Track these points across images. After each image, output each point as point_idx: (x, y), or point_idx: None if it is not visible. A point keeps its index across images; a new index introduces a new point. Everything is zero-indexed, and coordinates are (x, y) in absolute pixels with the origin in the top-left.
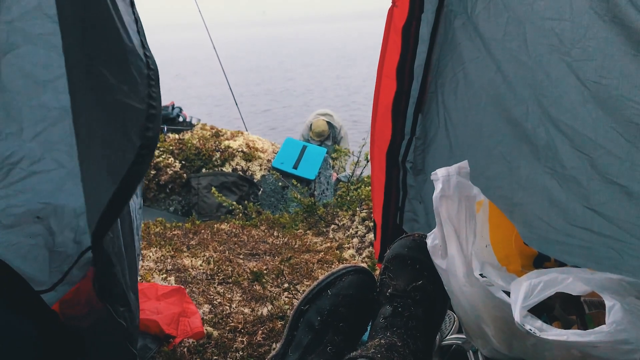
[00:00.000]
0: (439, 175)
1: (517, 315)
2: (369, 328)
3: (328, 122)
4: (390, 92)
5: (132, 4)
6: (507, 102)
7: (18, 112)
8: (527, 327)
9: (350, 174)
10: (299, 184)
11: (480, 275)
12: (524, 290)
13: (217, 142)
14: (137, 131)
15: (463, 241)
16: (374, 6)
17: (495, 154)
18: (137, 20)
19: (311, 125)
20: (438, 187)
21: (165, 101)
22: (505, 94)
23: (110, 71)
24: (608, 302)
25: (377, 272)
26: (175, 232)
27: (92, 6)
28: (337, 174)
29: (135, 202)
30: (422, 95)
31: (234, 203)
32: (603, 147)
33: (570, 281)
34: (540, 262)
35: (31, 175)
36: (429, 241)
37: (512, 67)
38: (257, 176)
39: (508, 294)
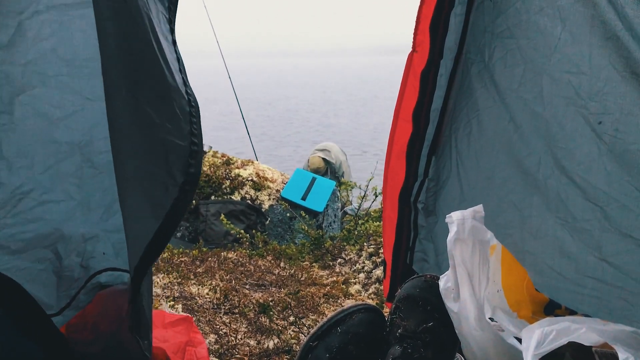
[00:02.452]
0: (454, 218)
1: None
2: None
3: (324, 159)
4: (406, 134)
5: (175, 43)
6: (519, 151)
7: (30, 147)
8: None
9: (357, 208)
10: (306, 216)
11: (491, 319)
12: (536, 338)
13: (227, 170)
14: (180, 168)
15: (476, 285)
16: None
17: (506, 202)
18: (179, 59)
19: (308, 161)
20: (453, 230)
21: None
22: (518, 144)
23: (155, 109)
24: (621, 355)
25: (385, 310)
26: (183, 259)
27: (137, 46)
28: (344, 207)
29: None
30: (436, 138)
31: (242, 231)
32: (617, 200)
33: (583, 331)
34: (551, 309)
35: (41, 205)
36: (441, 283)
37: (526, 117)
38: (266, 206)
39: (519, 340)
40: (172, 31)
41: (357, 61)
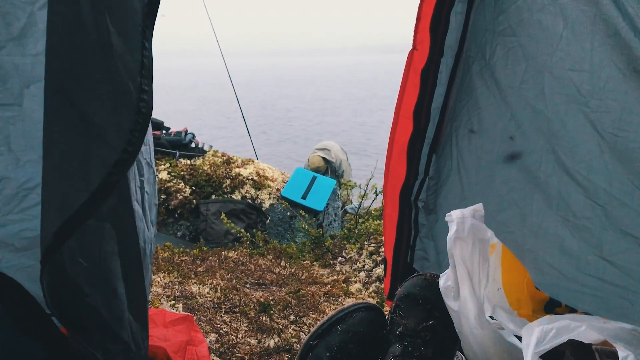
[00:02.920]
0: (454, 217)
1: None
2: None
3: (324, 158)
4: (407, 133)
5: (143, 46)
6: (520, 149)
7: (38, 141)
8: None
9: (358, 206)
10: (306, 215)
11: (491, 317)
12: (537, 336)
13: (227, 169)
14: (99, 173)
15: (476, 284)
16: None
17: (507, 200)
18: (143, 64)
19: (308, 160)
20: (452, 228)
21: (179, 127)
22: (519, 142)
23: (89, 109)
24: (621, 353)
25: (386, 308)
26: (184, 258)
27: (78, 40)
28: (345, 206)
29: (151, 230)
30: (437, 136)
31: (242, 231)
32: (618, 199)
33: (583, 329)
34: (551, 307)
35: None
36: (441, 282)
37: (528, 115)
38: (266, 205)
39: (519, 338)
40: (144, 33)
41: (356, 60)
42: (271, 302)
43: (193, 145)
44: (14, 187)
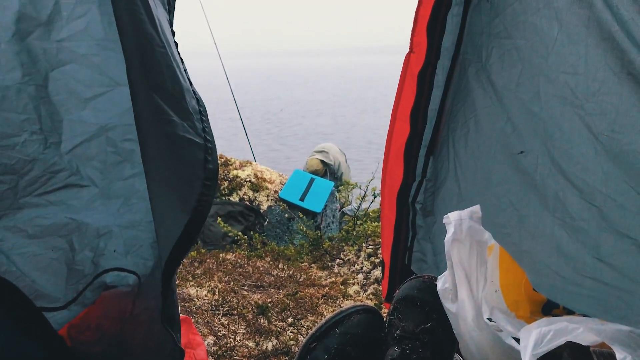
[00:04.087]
0: (452, 219)
1: None
2: None
3: (322, 161)
4: (404, 135)
5: (176, 45)
6: (516, 151)
7: (59, 124)
8: None
9: (356, 208)
10: (304, 217)
11: (489, 319)
12: (534, 338)
13: (225, 171)
14: (200, 164)
15: (474, 286)
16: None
17: (504, 202)
18: (182, 60)
19: (307, 163)
20: (450, 230)
21: None
22: (515, 144)
23: (172, 109)
24: (619, 355)
25: (383, 310)
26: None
27: (150, 47)
28: (342, 207)
29: None
30: (434, 138)
31: (240, 233)
32: (614, 200)
33: (581, 331)
34: (549, 309)
35: (65, 188)
36: (439, 284)
37: (524, 117)
38: (264, 207)
39: (517, 340)
40: (173, 33)
41: (353, 60)
42: (269, 304)
43: None
44: (41, 169)
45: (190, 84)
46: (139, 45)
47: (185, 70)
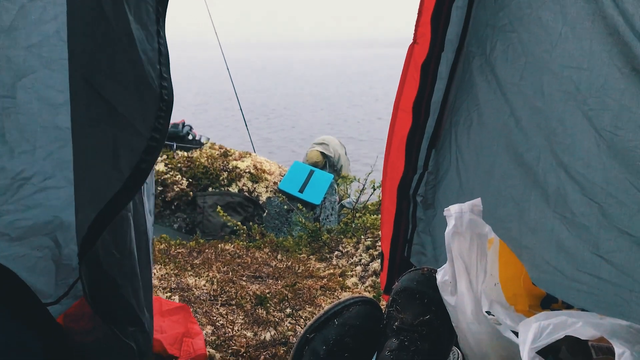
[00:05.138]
0: (452, 211)
1: (525, 356)
2: None
3: (322, 153)
4: (406, 126)
5: (158, 34)
6: (519, 146)
7: (32, 132)
8: None
9: (355, 201)
10: (303, 208)
11: (488, 313)
12: (533, 332)
13: (225, 162)
14: (129, 162)
15: (473, 279)
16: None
17: (505, 196)
18: (160, 51)
19: (306, 155)
20: (451, 223)
21: (176, 118)
22: (518, 138)
23: (115, 99)
24: (618, 350)
25: (382, 302)
26: (180, 250)
27: (100, 32)
28: (342, 200)
29: (149, 220)
30: (436, 131)
31: (239, 223)
32: (614, 197)
33: (580, 325)
34: (548, 303)
35: (41, 191)
36: (438, 277)
37: (526, 112)
38: (263, 198)
39: (515, 333)
40: (158, 21)
41: (351, 54)
42: (267, 295)
43: (190, 137)
44: (9, 177)
45: (161, 76)
46: (83, 28)
47: (161, 62)
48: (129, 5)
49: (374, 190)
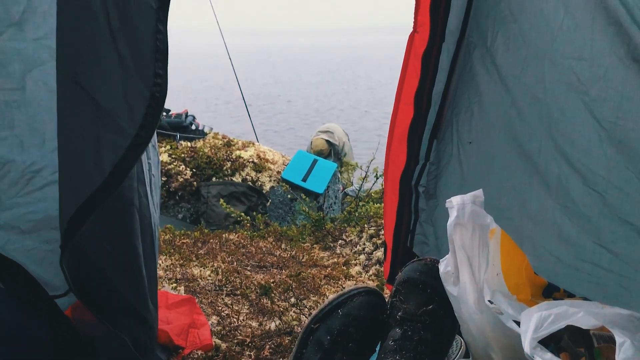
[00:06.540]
0: (454, 203)
1: (527, 346)
2: (377, 349)
3: (327, 141)
4: (407, 117)
5: (157, 30)
6: (520, 136)
7: (42, 124)
8: (537, 358)
9: (358, 189)
10: (307, 197)
11: (490, 302)
12: (535, 322)
13: (228, 152)
14: (112, 159)
15: (475, 269)
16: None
17: (506, 186)
18: (157, 48)
19: (311, 143)
20: (453, 214)
21: (179, 109)
22: (519, 128)
23: (102, 96)
24: (619, 339)
25: (385, 292)
26: (185, 241)
27: (88, 29)
28: (345, 188)
29: (156, 213)
30: (438, 121)
31: (242, 214)
32: (616, 187)
33: (581, 315)
34: (550, 292)
35: (51, 184)
36: (441, 267)
37: (528, 102)
38: (267, 187)
39: (518, 323)
40: (158, 16)
41: (354, 41)
42: (272, 284)
43: (193, 127)
44: (19, 170)
45: (155, 73)
46: (71, 20)
47: (157, 59)
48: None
49: (377, 178)
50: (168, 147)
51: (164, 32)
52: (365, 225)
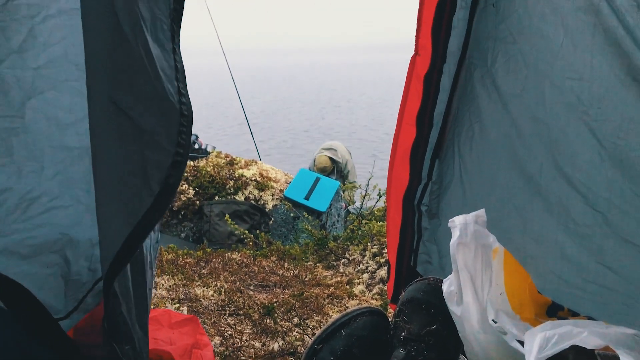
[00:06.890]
0: (457, 222)
1: None
2: None
3: (331, 158)
4: (410, 138)
5: (174, 51)
6: (521, 156)
7: (40, 152)
8: None
9: (360, 206)
10: (309, 216)
11: (494, 322)
12: (539, 342)
13: (231, 171)
14: (158, 177)
15: (479, 289)
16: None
17: (508, 206)
18: (177, 68)
19: (315, 160)
20: (455, 234)
21: None
22: (520, 149)
23: (139, 116)
24: (623, 358)
25: (389, 311)
26: (187, 260)
27: (121, 52)
28: (347, 206)
29: (152, 237)
30: (440, 141)
31: (246, 232)
32: (617, 207)
33: (586, 335)
34: (554, 310)
35: (49, 210)
36: (444, 287)
37: (528, 122)
38: (269, 206)
39: (521, 342)
40: (173, 38)
41: (354, 59)
42: (275, 304)
43: (196, 146)
44: (17, 197)
45: (180, 92)
46: (103, 47)
47: (178, 79)
48: (146, 25)
49: (380, 196)
50: None
51: (179, 54)
52: (369, 244)
